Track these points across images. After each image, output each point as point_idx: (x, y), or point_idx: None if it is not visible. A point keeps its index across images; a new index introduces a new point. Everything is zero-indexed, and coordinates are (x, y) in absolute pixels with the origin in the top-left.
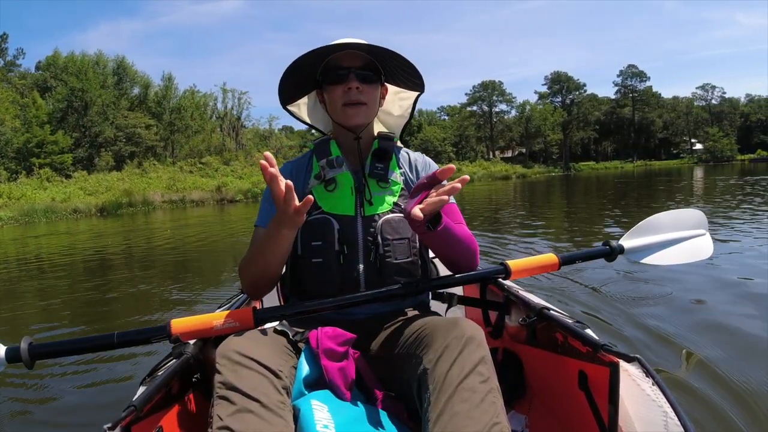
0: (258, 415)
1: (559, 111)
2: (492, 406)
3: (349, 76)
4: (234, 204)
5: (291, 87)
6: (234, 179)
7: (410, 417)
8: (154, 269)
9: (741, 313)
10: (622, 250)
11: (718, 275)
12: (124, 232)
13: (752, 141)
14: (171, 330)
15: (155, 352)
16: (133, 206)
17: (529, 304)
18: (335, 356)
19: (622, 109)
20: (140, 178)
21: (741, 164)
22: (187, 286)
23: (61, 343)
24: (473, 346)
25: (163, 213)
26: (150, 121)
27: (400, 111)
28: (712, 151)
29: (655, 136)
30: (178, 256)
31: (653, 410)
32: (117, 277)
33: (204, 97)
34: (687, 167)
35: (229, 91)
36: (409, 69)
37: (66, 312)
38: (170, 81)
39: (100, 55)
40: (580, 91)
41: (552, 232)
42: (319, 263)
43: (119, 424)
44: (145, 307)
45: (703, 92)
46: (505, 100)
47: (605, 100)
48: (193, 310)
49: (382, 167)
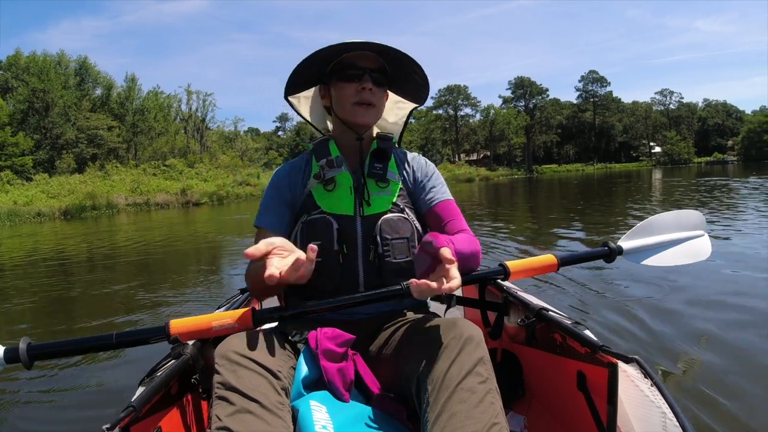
0: (257, 415)
1: (522, 115)
2: (491, 406)
3: (365, 76)
4: (199, 207)
5: (299, 79)
6: (199, 182)
7: (409, 417)
8: (117, 272)
9: (739, 314)
10: (621, 251)
11: (716, 275)
12: (88, 234)
13: (709, 144)
14: (170, 330)
15: (154, 353)
16: (97, 209)
17: (528, 304)
18: (334, 357)
19: (583, 114)
20: (103, 180)
21: (698, 167)
22: (151, 288)
23: (60, 344)
24: (472, 346)
25: (127, 216)
26: (112, 122)
27: (395, 119)
28: (670, 154)
29: (615, 139)
30: (142, 258)
31: (652, 411)
32: (87, 279)
33: (168, 98)
34: (646, 169)
35: (194, 92)
36: (419, 79)
37: (31, 314)
38: (133, 82)
39: (63, 55)
40: (543, 95)
41: (513, 229)
42: (318, 263)
43: (118, 425)
44: (117, 310)
45: (662, 97)
46: (470, 104)
47: (567, 105)
48: (158, 313)
49: (381, 167)
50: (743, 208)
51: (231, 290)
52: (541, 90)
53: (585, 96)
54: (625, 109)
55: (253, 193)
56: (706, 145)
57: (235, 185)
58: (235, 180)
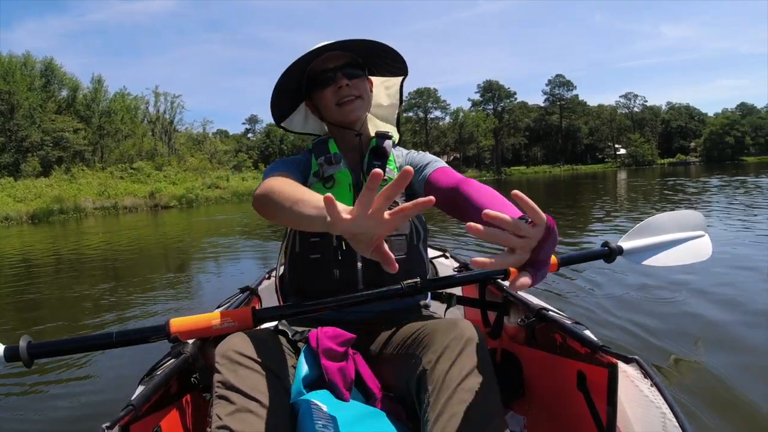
0: (257, 414)
1: (491, 118)
2: (491, 406)
3: (337, 75)
4: (168, 210)
5: (281, 104)
6: (167, 185)
7: (409, 417)
8: (84, 275)
9: (739, 314)
10: (621, 252)
11: (715, 275)
12: (57, 238)
13: (672, 146)
14: (170, 329)
15: (154, 352)
16: (65, 213)
17: (528, 304)
18: (335, 356)
19: (550, 117)
20: (69, 184)
21: (661, 167)
22: (118, 292)
23: (60, 342)
24: (472, 347)
25: (96, 220)
26: (78, 124)
27: (389, 100)
28: (635, 155)
29: (582, 141)
30: (109, 262)
31: (651, 411)
32: (54, 282)
33: (135, 100)
34: (611, 171)
35: (162, 94)
36: (390, 54)
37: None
38: (100, 83)
39: (28, 56)
40: (511, 99)
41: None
42: (317, 259)
43: (117, 423)
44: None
45: (626, 100)
46: (440, 107)
47: (535, 108)
48: (124, 317)
49: (380, 164)
50: (717, 206)
51: (231, 290)
52: (509, 93)
53: (552, 99)
54: (591, 112)
55: (222, 196)
56: (669, 147)
57: (204, 188)
58: (204, 183)
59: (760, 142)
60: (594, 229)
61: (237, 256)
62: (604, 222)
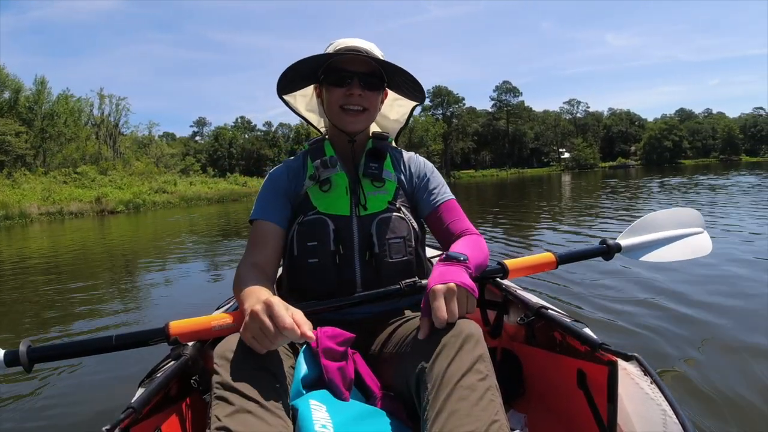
0: (256, 415)
1: (440, 123)
2: (491, 404)
3: (353, 81)
4: (115, 215)
5: (290, 78)
6: (113, 189)
7: (409, 416)
8: (29, 281)
9: (739, 311)
10: (620, 249)
11: (714, 272)
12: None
13: (614, 150)
14: (169, 332)
15: (154, 354)
16: (10, 219)
17: (527, 303)
18: (334, 356)
19: (498, 122)
20: (12, 189)
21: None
22: (115, 293)
23: (60, 346)
24: (471, 344)
25: (41, 226)
26: (20, 128)
27: (397, 116)
28: (578, 159)
29: (528, 146)
30: (51, 266)
31: (652, 408)
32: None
33: (79, 102)
34: (555, 174)
35: (107, 96)
36: (411, 80)
37: None
38: (43, 85)
39: None
40: (460, 104)
41: None
42: (314, 263)
43: (118, 426)
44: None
45: (570, 106)
46: None
47: (483, 113)
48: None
49: (377, 167)
50: (655, 205)
51: (230, 292)
52: (458, 99)
53: (499, 105)
54: (537, 118)
55: (170, 201)
56: (611, 151)
57: (152, 193)
58: (151, 187)
59: (697, 145)
60: (539, 228)
61: (232, 259)
62: (550, 223)
